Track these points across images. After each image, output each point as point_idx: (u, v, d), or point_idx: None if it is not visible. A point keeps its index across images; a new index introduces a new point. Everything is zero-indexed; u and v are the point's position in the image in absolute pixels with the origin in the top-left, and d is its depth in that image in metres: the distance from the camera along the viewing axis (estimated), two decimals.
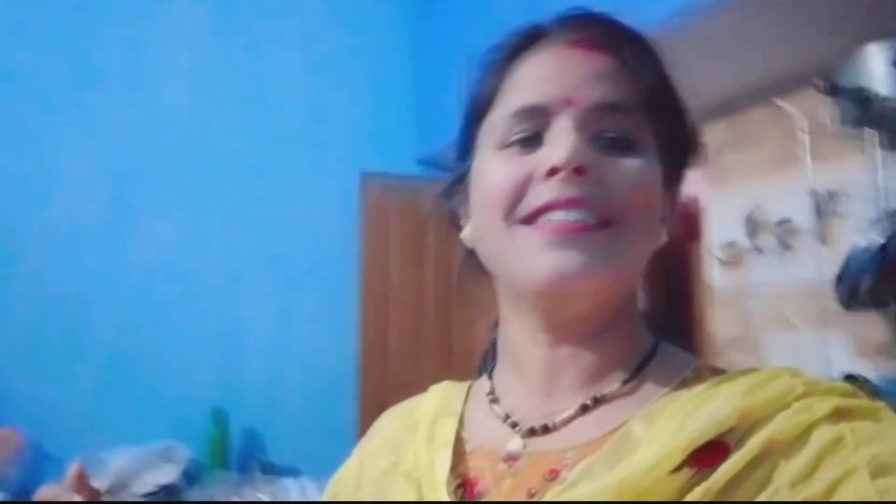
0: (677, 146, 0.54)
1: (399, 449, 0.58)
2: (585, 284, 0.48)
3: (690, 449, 0.43)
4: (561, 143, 0.49)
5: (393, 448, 0.58)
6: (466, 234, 0.58)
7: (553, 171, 0.48)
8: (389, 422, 0.64)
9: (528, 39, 0.54)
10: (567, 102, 0.50)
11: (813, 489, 0.40)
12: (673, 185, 0.55)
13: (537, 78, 0.52)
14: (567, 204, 0.48)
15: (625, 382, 0.51)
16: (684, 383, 0.50)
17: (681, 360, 0.53)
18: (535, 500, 0.48)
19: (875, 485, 0.39)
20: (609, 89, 0.50)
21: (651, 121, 0.51)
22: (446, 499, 0.50)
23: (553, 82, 0.51)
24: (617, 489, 0.43)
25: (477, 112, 0.56)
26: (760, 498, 0.41)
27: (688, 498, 0.42)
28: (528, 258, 0.49)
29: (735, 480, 0.42)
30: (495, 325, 0.59)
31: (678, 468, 0.43)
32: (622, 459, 0.45)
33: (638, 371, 0.52)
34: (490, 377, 0.59)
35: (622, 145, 0.50)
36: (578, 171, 0.48)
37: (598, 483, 0.44)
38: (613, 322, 0.53)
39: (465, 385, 0.62)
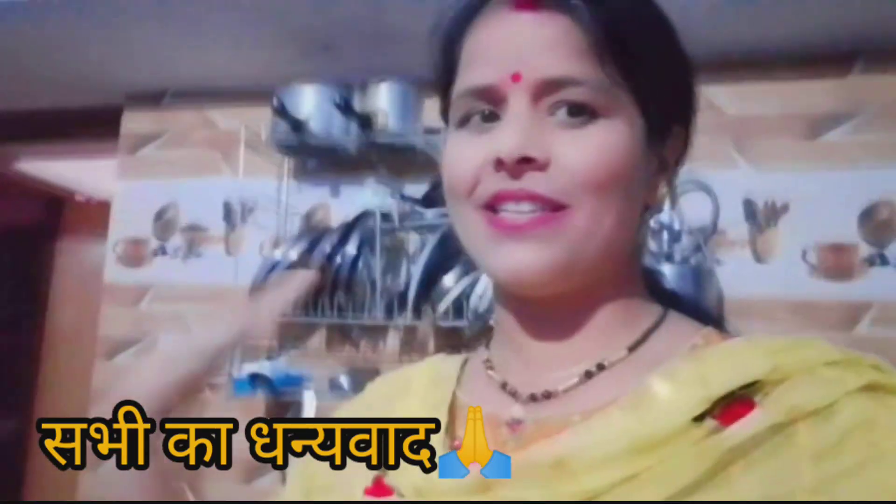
0: (662, 96, 0.50)
1: (385, 409, 0.55)
2: (545, 277, 0.47)
3: (716, 396, 0.42)
4: (510, 128, 0.46)
5: (374, 409, 0.57)
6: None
7: (500, 163, 0.46)
8: (377, 388, 0.62)
9: (479, 2, 0.50)
10: (515, 79, 0.47)
11: (837, 466, 0.39)
12: (665, 136, 0.51)
13: (484, 53, 0.49)
14: (516, 196, 0.46)
15: (630, 349, 0.50)
16: (695, 349, 0.48)
17: (689, 327, 0.51)
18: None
19: None
20: (559, 59, 0.46)
21: (620, 76, 0.47)
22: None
23: (500, 57, 0.48)
24: (636, 432, 0.41)
25: (443, 85, 0.53)
26: (779, 465, 0.40)
27: (705, 447, 0.40)
28: (487, 247, 0.48)
29: (755, 440, 0.41)
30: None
31: (700, 417, 0.41)
32: (642, 408, 0.44)
33: (644, 338, 0.50)
34: (488, 347, 0.57)
35: (584, 113, 0.46)
36: (526, 160, 0.46)
37: (616, 426, 0.43)
38: (606, 291, 0.51)
39: (460, 357, 0.60)
